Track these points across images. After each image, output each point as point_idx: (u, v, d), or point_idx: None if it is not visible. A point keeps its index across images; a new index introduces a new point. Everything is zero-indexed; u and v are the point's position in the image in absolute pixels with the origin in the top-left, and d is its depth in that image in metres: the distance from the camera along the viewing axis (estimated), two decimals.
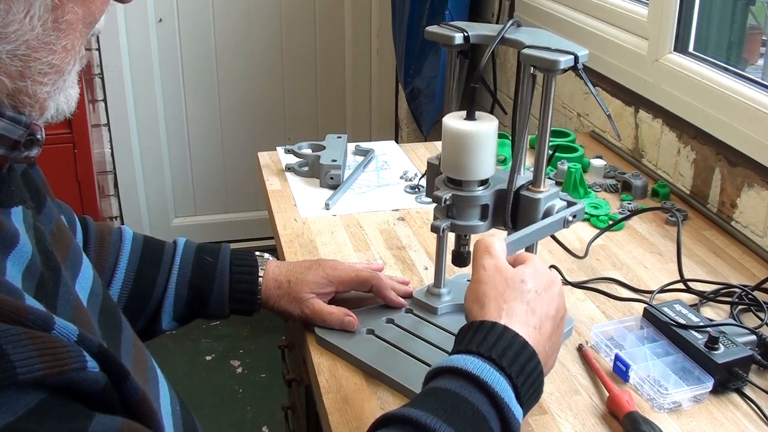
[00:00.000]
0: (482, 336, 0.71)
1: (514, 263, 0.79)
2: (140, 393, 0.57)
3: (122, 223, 2.95)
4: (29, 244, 0.58)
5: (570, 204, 0.94)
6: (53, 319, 0.51)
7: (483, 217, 0.93)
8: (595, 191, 1.46)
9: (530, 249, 0.94)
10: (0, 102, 0.58)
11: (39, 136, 0.60)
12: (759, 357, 0.94)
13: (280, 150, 1.61)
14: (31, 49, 0.57)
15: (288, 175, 1.51)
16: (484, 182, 0.92)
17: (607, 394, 0.90)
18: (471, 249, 0.97)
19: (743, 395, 0.92)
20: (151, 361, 0.76)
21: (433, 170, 0.98)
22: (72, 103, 0.63)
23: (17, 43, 0.56)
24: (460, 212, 0.92)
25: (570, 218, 0.91)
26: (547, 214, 0.91)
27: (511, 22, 0.91)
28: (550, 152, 0.92)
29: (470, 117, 0.89)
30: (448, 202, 0.90)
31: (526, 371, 0.71)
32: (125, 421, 0.54)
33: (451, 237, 0.99)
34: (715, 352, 0.92)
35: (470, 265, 1.01)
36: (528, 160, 0.94)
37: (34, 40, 0.56)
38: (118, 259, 0.99)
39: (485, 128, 0.88)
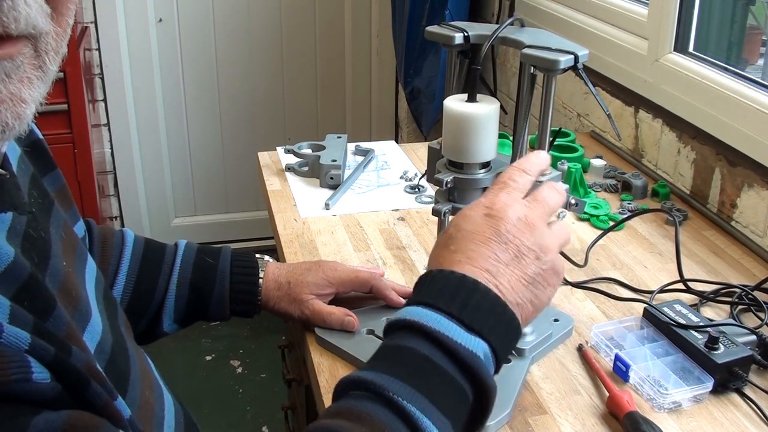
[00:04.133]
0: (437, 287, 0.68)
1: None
2: (104, 398, 0.53)
3: (122, 223, 2.95)
4: (11, 250, 0.56)
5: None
6: (1, 326, 0.48)
7: None
8: (595, 191, 1.46)
9: None
10: None
11: None
12: (759, 357, 0.94)
13: (280, 150, 1.61)
14: None
15: (288, 175, 1.51)
16: (485, 165, 0.91)
17: (607, 394, 0.90)
18: None
19: (743, 395, 0.92)
20: (153, 372, 0.76)
21: (434, 155, 0.98)
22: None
23: None
24: (461, 195, 0.91)
25: (572, 201, 0.90)
26: None
27: (512, 19, 0.91)
28: (551, 138, 0.91)
29: (471, 99, 0.88)
30: (449, 185, 0.89)
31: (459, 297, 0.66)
32: (72, 412, 0.51)
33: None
34: (715, 352, 0.92)
35: None
36: None
37: None
38: (120, 262, 0.99)
39: (486, 110, 0.87)
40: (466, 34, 0.92)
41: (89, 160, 2.35)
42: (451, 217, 0.96)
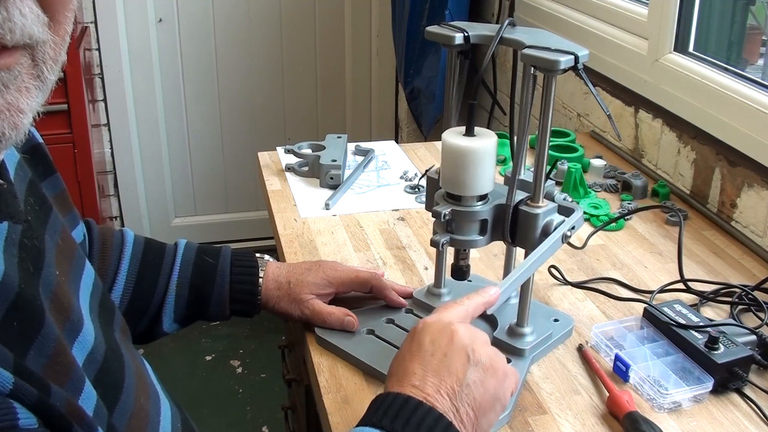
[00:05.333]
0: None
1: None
2: None
3: (122, 223, 2.95)
4: (2, 264, 0.56)
5: (568, 211, 0.94)
6: None
7: (482, 232, 0.93)
8: (595, 191, 1.46)
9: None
10: None
11: None
12: (759, 357, 0.94)
13: (280, 150, 1.61)
14: None
15: (288, 175, 1.51)
16: (483, 197, 0.92)
17: (607, 394, 0.90)
18: (470, 263, 0.98)
19: (743, 395, 0.92)
20: (150, 378, 0.76)
21: (432, 184, 0.99)
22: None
23: None
24: (459, 227, 0.92)
25: (568, 233, 0.91)
26: (546, 228, 0.91)
27: (507, 22, 0.91)
28: (548, 167, 0.92)
29: (469, 133, 0.89)
30: (447, 217, 0.91)
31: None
32: None
33: (450, 250, 1.00)
34: (715, 352, 0.92)
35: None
36: (528, 161, 0.94)
37: None
38: (120, 262, 0.99)
39: (484, 145, 0.88)
40: (466, 34, 0.92)
41: (89, 160, 2.35)
42: (449, 248, 0.97)
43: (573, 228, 0.92)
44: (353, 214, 1.36)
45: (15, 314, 0.54)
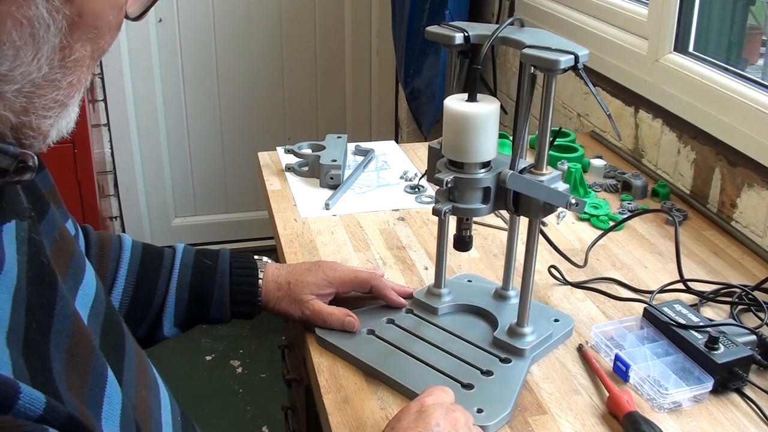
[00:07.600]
0: None
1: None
2: None
3: (122, 223, 2.95)
4: (15, 266, 0.57)
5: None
6: (18, 390, 0.47)
7: (485, 200, 0.92)
8: (595, 191, 1.46)
9: (533, 225, 0.94)
10: (2, 134, 0.57)
11: (31, 163, 0.59)
12: (759, 357, 0.94)
13: (280, 150, 1.61)
14: (36, 87, 0.56)
15: (288, 175, 1.51)
16: (485, 165, 0.91)
17: (607, 394, 0.90)
18: (472, 233, 0.97)
19: (743, 395, 0.92)
20: (152, 370, 0.76)
21: (434, 154, 0.98)
22: (71, 125, 0.62)
23: (23, 83, 0.55)
24: (461, 195, 0.91)
25: (573, 201, 0.90)
26: None
27: (512, 19, 0.91)
28: (551, 138, 0.91)
29: (471, 99, 0.88)
30: (449, 185, 0.89)
31: None
32: None
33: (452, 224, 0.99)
34: (715, 352, 0.92)
35: (471, 250, 1.01)
36: (528, 160, 0.94)
37: (40, 79, 0.56)
38: (118, 267, 0.99)
39: (486, 110, 0.87)
40: (466, 34, 0.92)
41: (89, 160, 2.35)
42: (451, 217, 0.96)
43: (577, 205, 0.90)
44: (353, 214, 1.36)
45: (32, 316, 0.55)
